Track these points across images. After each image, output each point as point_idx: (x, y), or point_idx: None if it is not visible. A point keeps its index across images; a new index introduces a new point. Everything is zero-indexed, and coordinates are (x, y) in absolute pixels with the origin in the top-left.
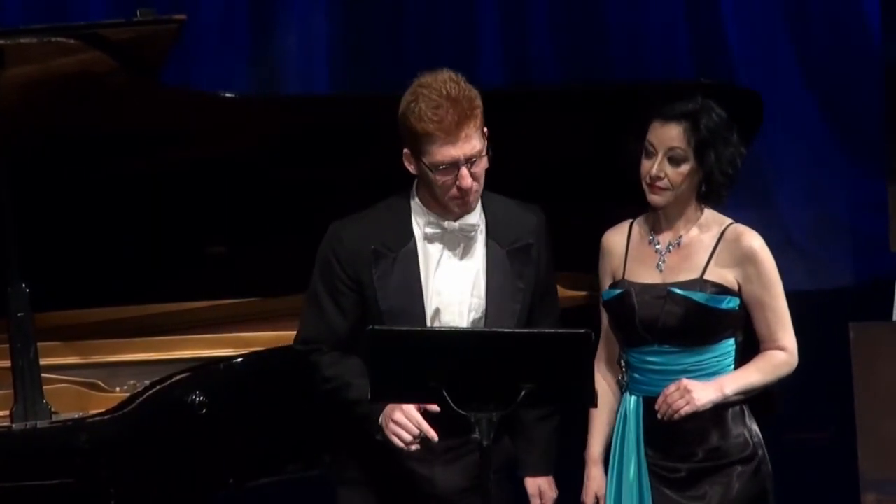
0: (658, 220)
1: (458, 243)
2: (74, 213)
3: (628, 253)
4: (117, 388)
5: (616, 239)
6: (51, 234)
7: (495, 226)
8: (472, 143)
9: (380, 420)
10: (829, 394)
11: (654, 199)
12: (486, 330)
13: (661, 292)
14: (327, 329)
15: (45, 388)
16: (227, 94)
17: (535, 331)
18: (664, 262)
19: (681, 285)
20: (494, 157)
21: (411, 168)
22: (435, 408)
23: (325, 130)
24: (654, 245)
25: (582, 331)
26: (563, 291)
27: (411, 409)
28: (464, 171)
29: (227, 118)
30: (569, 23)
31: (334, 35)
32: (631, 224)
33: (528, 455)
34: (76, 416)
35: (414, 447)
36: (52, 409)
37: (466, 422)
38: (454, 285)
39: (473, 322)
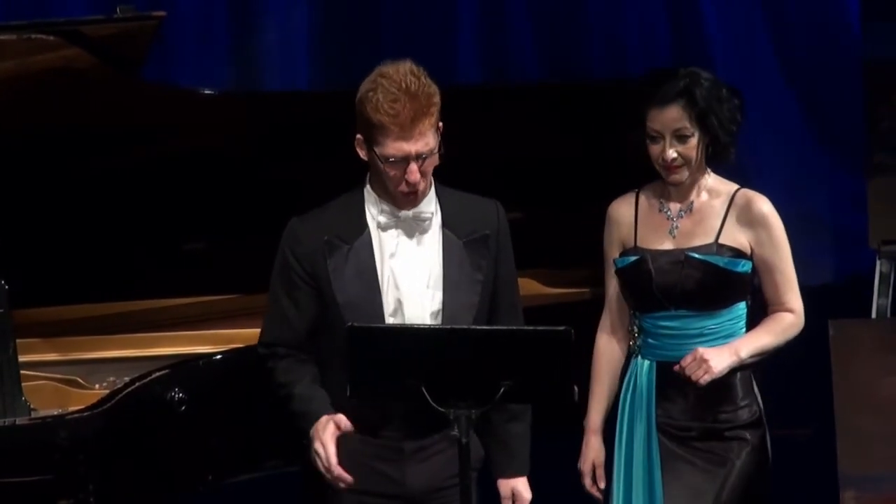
0: (666, 188)
1: (413, 232)
2: (54, 209)
3: (638, 221)
4: (97, 385)
5: (624, 208)
6: (30, 230)
7: (451, 217)
8: (425, 139)
9: (311, 433)
10: (808, 390)
11: (674, 177)
12: (466, 327)
13: (678, 257)
14: (286, 328)
15: (24, 384)
16: (207, 91)
17: (515, 328)
18: (677, 227)
19: (697, 250)
20: (472, 153)
21: (362, 154)
22: (349, 427)
23: (304, 127)
24: (665, 212)
25: (562, 328)
26: (540, 289)
27: (329, 444)
28: (413, 166)
29: (206, 114)
30: (549, 19)
31: (314, 32)
32: (637, 193)
33: (501, 456)
34: (55, 412)
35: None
36: (31, 406)
37: (437, 421)
38: (411, 275)
39: (432, 314)
